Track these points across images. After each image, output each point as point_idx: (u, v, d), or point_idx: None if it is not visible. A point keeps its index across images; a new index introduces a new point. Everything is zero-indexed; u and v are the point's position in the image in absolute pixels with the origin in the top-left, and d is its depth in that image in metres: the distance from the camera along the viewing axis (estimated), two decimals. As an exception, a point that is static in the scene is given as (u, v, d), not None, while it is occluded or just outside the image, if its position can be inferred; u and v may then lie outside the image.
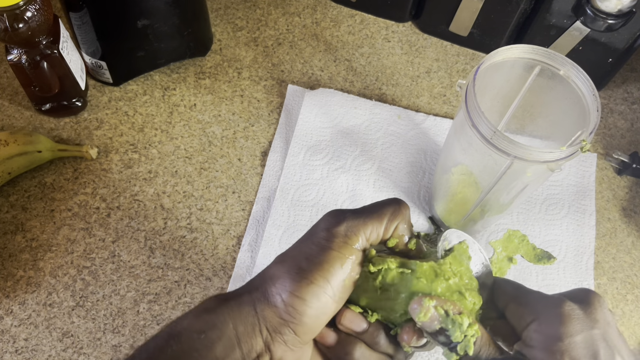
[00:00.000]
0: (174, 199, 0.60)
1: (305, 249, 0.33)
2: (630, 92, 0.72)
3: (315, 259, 0.32)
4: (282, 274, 0.32)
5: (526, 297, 0.36)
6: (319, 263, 0.32)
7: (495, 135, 0.44)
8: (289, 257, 0.34)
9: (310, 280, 0.32)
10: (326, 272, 0.32)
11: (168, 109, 0.66)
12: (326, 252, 0.32)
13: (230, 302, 0.32)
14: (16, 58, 0.56)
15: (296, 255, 0.33)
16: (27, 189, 0.60)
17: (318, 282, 0.32)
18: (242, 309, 0.32)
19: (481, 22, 0.69)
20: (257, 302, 0.32)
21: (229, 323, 0.31)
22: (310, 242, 0.34)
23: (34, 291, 0.54)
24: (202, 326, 0.31)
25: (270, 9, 0.75)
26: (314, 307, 0.32)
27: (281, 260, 0.34)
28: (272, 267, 0.34)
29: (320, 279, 0.32)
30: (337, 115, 0.66)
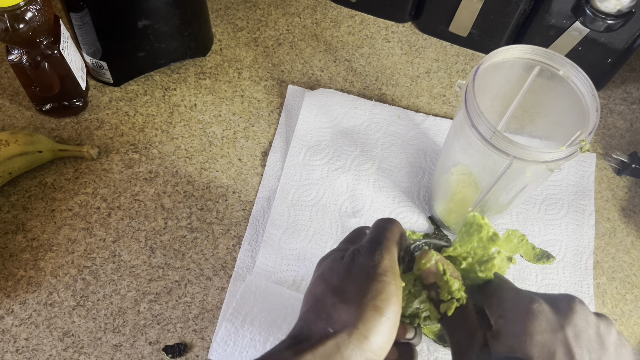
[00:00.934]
0: (174, 199, 0.60)
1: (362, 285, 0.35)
2: (630, 92, 0.72)
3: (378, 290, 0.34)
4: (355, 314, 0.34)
5: (503, 293, 0.37)
6: (383, 293, 0.34)
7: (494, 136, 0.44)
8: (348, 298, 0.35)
9: (381, 313, 0.33)
10: (390, 301, 0.34)
11: (168, 109, 0.66)
12: (386, 282, 0.34)
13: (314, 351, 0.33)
14: (17, 58, 0.56)
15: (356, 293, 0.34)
16: (28, 189, 0.60)
17: (386, 314, 0.34)
18: (328, 354, 0.33)
19: (481, 22, 0.69)
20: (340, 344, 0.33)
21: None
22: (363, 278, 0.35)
23: (35, 291, 0.55)
24: None
25: (271, 9, 0.75)
26: (385, 335, 0.34)
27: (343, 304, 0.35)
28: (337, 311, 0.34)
29: (388, 308, 0.34)
30: (337, 115, 0.66)
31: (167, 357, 0.52)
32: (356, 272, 0.36)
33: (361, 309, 0.34)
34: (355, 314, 0.34)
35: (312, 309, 0.36)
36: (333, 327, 0.34)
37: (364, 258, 0.36)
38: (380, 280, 0.35)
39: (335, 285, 0.36)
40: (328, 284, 0.37)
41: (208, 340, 0.53)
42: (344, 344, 0.33)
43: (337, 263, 0.38)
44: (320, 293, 0.37)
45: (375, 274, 0.35)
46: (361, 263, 0.36)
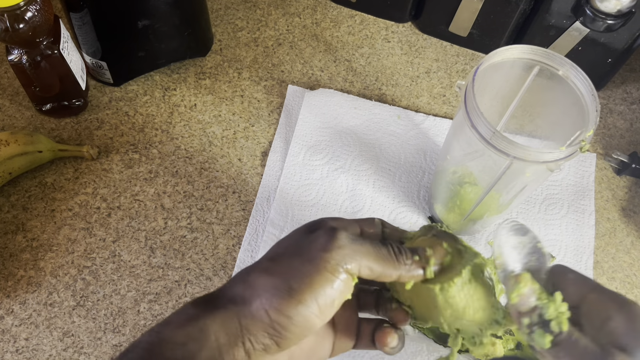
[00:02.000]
0: (174, 199, 0.60)
1: (296, 266, 0.33)
2: (630, 92, 0.72)
3: (306, 278, 0.32)
4: (270, 289, 0.32)
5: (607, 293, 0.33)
6: (310, 283, 0.31)
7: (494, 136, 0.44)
8: (278, 271, 0.33)
9: (299, 300, 0.31)
10: (316, 293, 0.31)
11: (168, 109, 0.66)
12: (320, 273, 0.32)
13: (215, 313, 0.32)
14: (17, 58, 0.56)
15: (286, 271, 0.33)
16: (28, 189, 0.60)
17: (307, 303, 0.31)
18: (226, 320, 0.32)
19: (481, 22, 0.69)
20: (241, 315, 0.32)
21: (211, 334, 0.31)
22: (303, 259, 0.33)
23: (35, 291, 0.55)
24: (184, 338, 0.31)
25: (271, 9, 0.75)
26: (300, 325, 0.31)
27: (269, 272, 0.33)
28: (259, 277, 0.33)
29: (310, 299, 0.31)
30: (337, 115, 0.66)
31: (167, 357, 0.52)
32: (301, 248, 0.34)
33: (279, 289, 0.32)
34: (269, 289, 0.32)
35: (248, 267, 0.35)
36: (244, 294, 0.32)
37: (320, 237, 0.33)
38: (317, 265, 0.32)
39: (277, 252, 0.35)
40: (277, 247, 0.36)
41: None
42: (245, 315, 0.32)
43: (302, 231, 0.36)
44: (266, 254, 0.36)
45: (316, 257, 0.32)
46: (312, 241, 0.34)
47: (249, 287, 0.33)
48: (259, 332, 0.31)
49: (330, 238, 0.33)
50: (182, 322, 0.32)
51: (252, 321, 0.31)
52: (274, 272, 0.33)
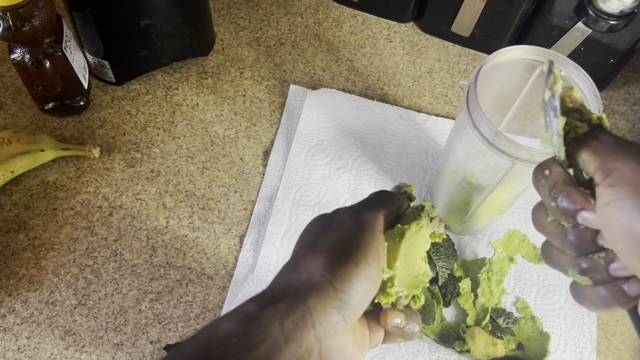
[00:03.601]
0: (176, 198, 0.60)
1: (336, 237, 0.34)
2: (632, 93, 0.72)
3: (352, 242, 0.33)
4: (327, 263, 0.32)
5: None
6: (357, 245, 0.33)
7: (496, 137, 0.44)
8: (323, 249, 0.33)
9: (355, 263, 0.32)
10: (366, 253, 0.32)
11: (170, 109, 0.66)
12: (361, 234, 0.33)
13: (277, 304, 0.31)
14: (19, 57, 0.56)
15: (331, 246, 0.33)
16: (30, 188, 0.60)
17: (361, 264, 0.32)
18: (291, 306, 0.31)
19: (483, 22, 0.69)
20: (307, 295, 0.31)
21: (274, 324, 0.30)
22: (338, 230, 0.34)
23: (37, 289, 0.55)
24: (244, 330, 0.30)
25: (273, 9, 0.75)
26: (361, 289, 0.32)
27: (315, 253, 0.33)
28: (308, 260, 0.33)
29: (362, 260, 0.32)
30: (338, 115, 0.66)
31: (168, 356, 0.52)
32: (334, 226, 0.35)
33: (332, 259, 0.32)
34: (324, 263, 0.32)
35: (286, 264, 0.35)
36: (299, 278, 0.32)
37: (345, 214, 0.35)
38: (357, 233, 0.33)
39: (310, 238, 0.35)
40: (305, 238, 0.36)
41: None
42: (307, 293, 0.31)
43: (318, 219, 0.37)
44: (296, 248, 0.36)
45: (352, 227, 0.34)
46: (341, 217, 0.35)
47: (303, 270, 0.33)
48: (327, 308, 0.31)
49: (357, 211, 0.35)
50: (241, 316, 0.31)
51: (319, 298, 0.31)
52: (320, 251, 0.33)
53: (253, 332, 0.30)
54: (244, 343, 0.29)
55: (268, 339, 0.30)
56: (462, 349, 0.53)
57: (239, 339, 0.29)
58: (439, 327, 0.54)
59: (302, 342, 0.30)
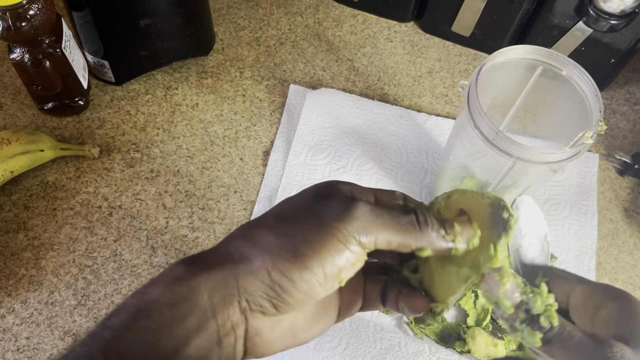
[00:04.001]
0: (175, 198, 0.60)
1: (306, 229, 0.30)
2: (633, 92, 0.72)
3: (316, 244, 0.29)
4: (275, 248, 0.30)
5: (594, 283, 0.33)
6: (319, 250, 0.29)
7: (497, 137, 0.44)
8: (285, 232, 0.30)
9: (305, 265, 0.29)
10: (324, 260, 0.29)
11: (170, 109, 0.66)
12: (330, 241, 0.29)
13: (209, 271, 0.29)
14: (19, 57, 0.56)
15: (295, 233, 0.30)
16: (30, 188, 0.60)
17: (313, 269, 0.29)
18: (222, 278, 0.29)
19: (483, 22, 0.69)
20: (240, 273, 0.29)
21: (203, 294, 0.29)
22: (314, 224, 0.30)
23: (36, 290, 0.55)
24: (173, 298, 0.28)
25: (273, 8, 0.75)
26: (302, 291, 0.29)
27: (275, 231, 0.31)
28: (262, 234, 0.31)
29: (317, 266, 0.29)
30: (339, 115, 0.66)
31: (168, 357, 0.52)
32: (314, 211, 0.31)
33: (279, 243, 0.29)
34: (276, 248, 0.29)
35: (247, 223, 0.32)
36: (242, 252, 0.30)
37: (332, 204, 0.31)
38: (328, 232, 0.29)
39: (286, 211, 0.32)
40: (283, 206, 0.33)
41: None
42: (245, 273, 0.29)
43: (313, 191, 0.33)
44: (269, 211, 0.33)
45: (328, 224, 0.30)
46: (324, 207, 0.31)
47: (251, 244, 0.30)
48: (258, 292, 0.29)
49: (346, 208, 0.31)
50: (170, 281, 0.29)
51: (252, 280, 0.29)
52: (281, 232, 0.30)
53: (182, 301, 0.28)
54: (174, 313, 0.28)
55: (197, 310, 0.28)
56: (463, 349, 0.53)
57: (168, 308, 0.28)
58: (439, 327, 0.54)
59: (229, 316, 0.29)
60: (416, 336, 0.54)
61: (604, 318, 0.31)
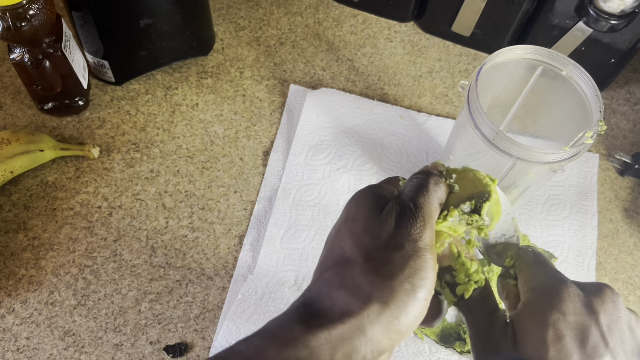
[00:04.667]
0: (175, 198, 0.60)
1: (398, 259, 0.30)
2: (633, 92, 0.72)
3: (414, 269, 0.30)
4: (385, 289, 0.29)
5: (538, 268, 0.35)
6: (419, 273, 0.30)
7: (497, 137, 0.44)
8: (380, 269, 0.30)
9: (420, 298, 0.30)
10: (425, 280, 0.30)
11: (170, 108, 0.66)
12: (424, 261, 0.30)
13: (334, 331, 0.28)
14: (19, 57, 0.56)
15: (392, 268, 0.30)
16: (29, 188, 0.60)
17: (426, 297, 0.30)
18: (346, 333, 0.28)
19: (484, 22, 0.69)
20: (371, 328, 0.29)
21: (324, 353, 0.28)
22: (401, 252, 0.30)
23: (36, 290, 0.55)
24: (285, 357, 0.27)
25: (273, 8, 0.75)
26: (418, 315, 0.30)
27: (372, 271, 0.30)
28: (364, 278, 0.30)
29: (421, 289, 0.30)
30: (339, 115, 0.66)
31: (168, 357, 0.52)
32: (398, 240, 0.31)
33: (395, 285, 0.29)
34: (388, 290, 0.29)
35: (335, 269, 0.31)
36: (358, 303, 0.29)
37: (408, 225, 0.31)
38: (420, 256, 0.30)
39: (368, 247, 0.31)
40: (359, 242, 0.32)
41: (209, 340, 0.53)
42: (370, 324, 0.28)
43: (375, 216, 0.32)
44: (347, 251, 0.32)
45: (416, 248, 0.31)
46: (405, 232, 0.31)
47: (356, 290, 0.30)
48: (383, 340, 0.29)
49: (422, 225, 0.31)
50: (288, 340, 0.28)
51: (378, 327, 0.29)
52: (378, 271, 0.30)
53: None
54: None
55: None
56: (463, 349, 0.53)
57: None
58: (440, 327, 0.54)
59: None
60: (416, 336, 0.54)
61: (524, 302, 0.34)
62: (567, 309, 0.32)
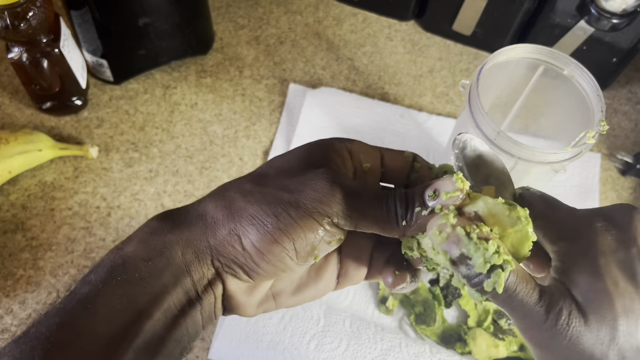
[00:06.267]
0: (174, 199, 0.60)
1: (281, 200, 0.29)
2: (635, 92, 0.72)
3: (288, 218, 0.28)
4: (247, 216, 0.29)
5: (555, 213, 0.31)
6: (290, 225, 0.28)
7: (498, 136, 0.44)
8: (260, 199, 0.29)
9: (275, 239, 0.28)
10: (296, 237, 0.28)
11: (169, 108, 0.66)
12: (303, 218, 0.29)
13: (181, 228, 0.30)
14: (17, 56, 0.56)
15: (270, 202, 0.29)
16: (28, 188, 0.59)
17: (283, 243, 0.28)
18: (193, 237, 0.29)
19: (485, 21, 0.68)
20: (210, 235, 0.29)
21: (177, 250, 0.29)
22: (291, 197, 0.29)
23: (34, 290, 0.54)
24: (148, 253, 0.29)
25: (272, 7, 0.75)
26: (271, 263, 0.29)
27: (251, 197, 0.30)
28: (238, 199, 0.30)
29: (287, 240, 0.28)
30: (339, 114, 0.66)
31: (166, 358, 0.52)
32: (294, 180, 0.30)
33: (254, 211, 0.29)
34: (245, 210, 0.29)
35: (226, 183, 0.32)
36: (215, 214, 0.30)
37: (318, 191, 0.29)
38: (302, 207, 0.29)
39: (264, 169, 0.32)
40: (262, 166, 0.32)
41: (208, 341, 0.53)
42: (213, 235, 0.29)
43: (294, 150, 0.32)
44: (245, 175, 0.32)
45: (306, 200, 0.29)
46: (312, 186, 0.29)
47: (223, 207, 0.30)
48: (229, 256, 0.29)
49: (328, 191, 0.29)
50: (146, 236, 0.30)
51: (222, 244, 0.29)
52: (255, 200, 0.29)
53: (157, 256, 0.29)
54: (149, 267, 0.28)
55: (171, 265, 0.29)
56: (464, 350, 0.53)
57: (143, 263, 0.28)
58: (440, 328, 0.54)
59: (204, 275, 0.29)
60: (417, 337, 0.53)
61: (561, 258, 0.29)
62: (606, 247, 0.28)
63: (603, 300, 0.27)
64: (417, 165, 0.33)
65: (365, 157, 0.32)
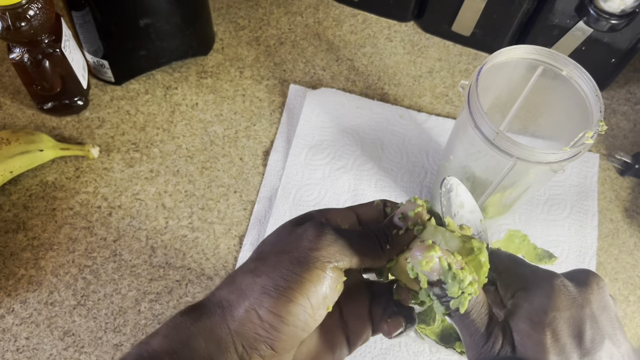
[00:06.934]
0: (175, 198, 0.60)
1: (284, 264, 0.31)
2: (633, 92, 0.72)
3: (295, 276, 0.31)
4: (258, 288, 0.31)
5: (519, 268, 0.35)
6: (300, 281, 0.31)
7: (497, 137, 0.44)
8: (264, 270, 0.32)
9: (290, 299, 0.30)
10: (307, 290, 0.31)
11: (170, 108, 0.66)
12: (309, 271, 0.31)
13: (202, 319, 0.31)
14: (18, 57, 0.56)
15: (274, 270, 0.31)
16: (29, 188, 0.60)
17: (298, 301, 0.30)
18: (214, 326, 0.31)
19: (484, 22, 0.69)
20: (229, 318, 0.31)
21: (200, 341, 0.30)
22: (291, 257, 0.32)
23: (35, 290, 0.54)
24: (173, 346, 0.30)
25: (273, 8, 0.75)
26: (292, 324, 0.31)
27: (256, 272, 0.32)
28: (245, 278, 0.32)
29: (301, 297, 0.30)
30: (339, 115, 0.66)
31: (167, 357, 0.52)
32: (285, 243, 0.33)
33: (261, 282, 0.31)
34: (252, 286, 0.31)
35: (236, 270, 0.34)
36: (229, 298, 0.31)
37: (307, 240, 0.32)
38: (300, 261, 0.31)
39: (259, 249, 0.34)
40: (261, 247, 0.34)
41: None
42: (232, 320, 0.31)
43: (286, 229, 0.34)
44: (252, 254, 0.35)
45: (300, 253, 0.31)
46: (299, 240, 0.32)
47: (235, 289, 0.32)
48: (250, 334, 0.30)
49: (318, 235, 0.32)
50: (170, 331, 0.31)
51: (241, 324, 0.30)
52: (261, 272, 0.32)
53: (181, 349, 0.30)
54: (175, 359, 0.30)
55: (196, 357, 0.30)
56: (463, 349, 0.53)
57: (169, 356, 0.30)
58: (440, 327, 0.54)
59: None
60: (417, 336, 0.54)
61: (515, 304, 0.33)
62: (559, 304, 0.31)
63: (536, 350, 0.30)
64: (388, 210, 0.37)
65: (342, 220, 0.36)
